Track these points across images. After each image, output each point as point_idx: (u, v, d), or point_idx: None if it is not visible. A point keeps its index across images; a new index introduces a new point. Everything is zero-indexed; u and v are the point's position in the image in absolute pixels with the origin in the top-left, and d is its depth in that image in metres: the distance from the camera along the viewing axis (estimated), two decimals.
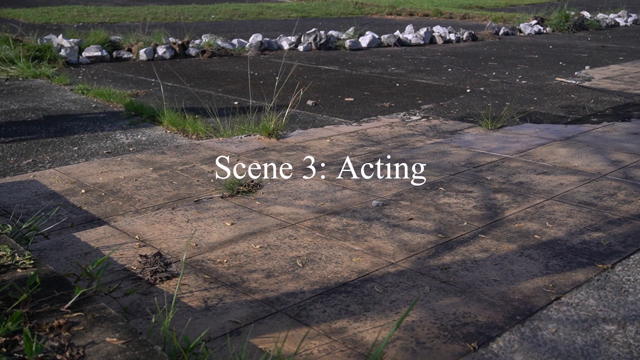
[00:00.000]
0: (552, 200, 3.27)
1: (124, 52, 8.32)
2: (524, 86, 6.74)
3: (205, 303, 2.23)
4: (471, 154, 4.13)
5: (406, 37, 10.34)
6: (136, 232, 2.83)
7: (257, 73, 7.40)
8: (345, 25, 11.31)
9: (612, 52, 9.61)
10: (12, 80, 6.76)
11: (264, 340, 2.01)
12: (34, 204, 3.20)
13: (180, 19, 12.82)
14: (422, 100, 5.99)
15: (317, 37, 9.56)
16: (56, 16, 12.45)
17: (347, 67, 7.94)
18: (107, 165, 3.86)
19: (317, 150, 4.22)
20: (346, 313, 2.17)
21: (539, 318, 2.15)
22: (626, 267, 2.53)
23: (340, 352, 1.95)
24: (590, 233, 2.86)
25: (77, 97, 5.94)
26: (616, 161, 3.95)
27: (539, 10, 14.02)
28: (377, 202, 3.20)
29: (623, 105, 5.76)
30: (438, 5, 17.16)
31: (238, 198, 3.29)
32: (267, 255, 2.62)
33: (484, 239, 2.79)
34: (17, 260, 2.11)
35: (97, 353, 1.62)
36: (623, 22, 14.27)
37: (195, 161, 3.94)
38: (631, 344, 2.00)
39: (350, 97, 6.10)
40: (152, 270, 2.42)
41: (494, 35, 11.68)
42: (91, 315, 1.78)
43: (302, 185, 3.48)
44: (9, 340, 1.65)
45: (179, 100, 5.76)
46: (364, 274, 2.46)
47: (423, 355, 1.94)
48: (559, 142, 4.44)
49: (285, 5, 16.95)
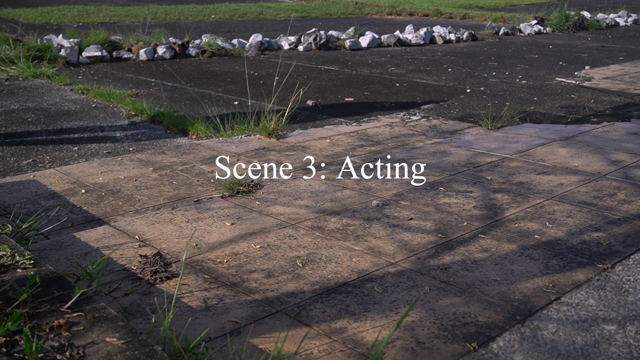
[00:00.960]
0: (552, 200, 3.28)
1: (124, 52, 8.32)
2: (524, 86, 6.74)
3: (205, 303, 2.23)
4: (471, 154, 4.13)
5: (406, 37, 10.34)
6: (136, 232, 2.84)
7: (257, 73, 7.40)
8: (345, 25, 11.31)
9: (612, 52, 9.61)
10: (12, 80, 6.76)
11: (264, 340, 2.01)
12: (34, 204, 3.20)
13: (180, 19, 12.82)
14: (422, 100, 5.99)
15: (317, 37, 9.56)
16: (56, 16, 12.45)
17: (347, 67, 7.94)
18: (107, 165, 3.86)
19: (317, 150, 4.22)
20: (346, 313, 2.17)
21: (539, 318, 2.15)
22: (626, 267, 2.54)
23: (340, 352, 1.95)
24: (590, 233, 2.86)
25: (77, 97, 5.94)
26: (616, 161, 3.96)
27: (539, 10, 14.02)
28: (377, 202, 3.20)
29: (623, 105, 5.76)
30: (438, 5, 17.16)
31: (238, 198, 3.29)
32: (267, 255, 2.62)
33: (484, 239, 2.79)
34: (17, 260, 2.11)
35: (97, 353, 1.62)
36: (623, 22, 14.27)
37: (195, 161, 3.94)
38: (631, 344, 2.00)
39: (350, 97, 6.11)
40: (152, 270, 2.42)
41: (494, 35, 11.68)
42: (91, 315, 1.79)
43: (302, 185, 3.49)
44: (9, 340, 1.65)
45: (179, 100, 5.76)
46: (364, 274, 2.46)
47: (423, 355, 1.94)
48: (559, 142, 4.44)
49: (285, 5, 16.95)
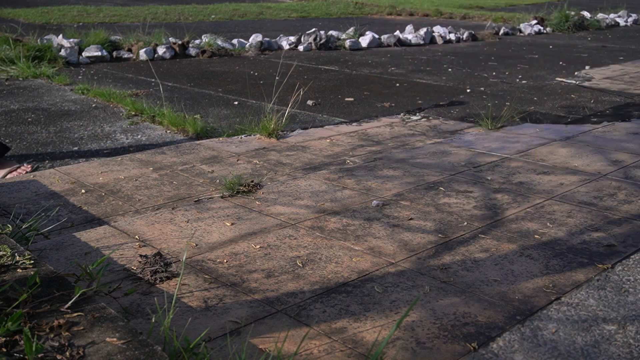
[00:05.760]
0: (552, 200, 3.27)
1: (124, 52, 8.32)
2: (524, 86, 6.74)
3: (205, 303, 2.23)
4: (471, 154, 4.13)
5: (406, 37, 10.34)
6: (136, 232, 2.84)
7: (257, 73, 7.40)
8: (345, 25, 11.31)
9: (612, 52, 9.61)
10: (12, 80, 6.76)
11: (264, 340, 2.01)
12: (34, 204, 3.20)
13: (180, 19, 12.81)
14: (422, 100, 5.99)
15: (317, 37, 9.56)
16: (56, 16, 12.44)
17: (347, 67, 7.94)
18: (107, 165, 3.86)
19: (317, 150, 4.22)
20: (346, 313, 2.17)
21: (539, 318, 2.15)
22: (626, 267, 2.53)
23: (340, 352, 1.95)
24: (591, 233, 2.86)
25: (77, 97, 5.94)
26: (616, 161, 3.95)
27: (539, 10, 14.02)
28: (377, 202, 3.20)
29: (623, 105, 5.76)
30: (438, 5, 17.16)
31: (238, 198, 3.29)
32: (267, 255, 2.62)
33: (484, 239, 2.79)
34: (17, 260, 2.11)
35: (97, 353, 1.62)
36: (623, 22, 14.27)
37: (195, 161, 3.94)
38: (631, 344, 2.00)
39: (351, 97, 6.10)
40: (152, 270, 2.42)
41: (494, 35, 11.68)
42: (91, 315, 1.79)
43: (302, 185, 3.49)
44: (9, 340, 1.65)
45: (179, 100, 5.76)
46: (364, 274, 2.46)
47: (423, 355, 1.94)
48: (559, 142, 4.44)
49: (285, 5, 16.94)
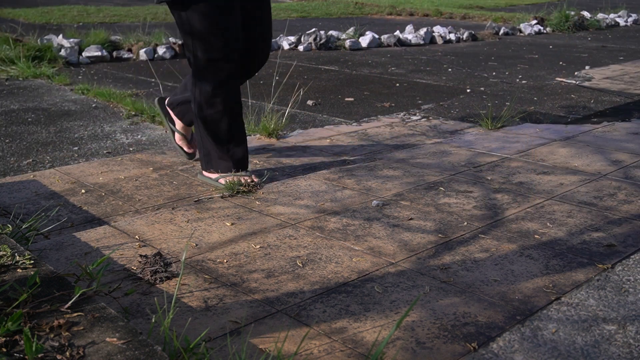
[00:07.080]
0: (552, 200, 3.27)
1: (124, 52, 8.32)
2: (524, 86, 6.74)
3: (205, 303, 2.23)
4: (471, 154, 4.13)
5: (406, 37, 10.34)
6: (136, 232, 2.84)
7: (256, 73, 7.39)
8: (345, 25, 11.31)
9: (612, 52, 9.61)
10: (12, 80, 6.76)
11: (264, 340, 2.01)
12: (34, 204, 3.20)
13: None
14: (422, 100, 5.99)
15: (317, 37, 9.56)
16: (56, 16, 12.44)
17: (347, 67, 7.94)
18: (107, 165, 3.86)
19: (318, 150, 4.22)
20: (346, 313, 2.17)
21: (539, 318, 2.15)
22: (626, 267, 2.53)
23: (341, 352, 1.95)
24: (591, 233, 2.86)
25: (77, 97, 5.94)
26: (616, 161, 3.95)
27: (539, 10, 14.02)
28: (377, 202, 3.20)
29: (623, 105, 5.76)
30: (438, 5, 17.16)
31: (238, 198, 3.29)
32: (267, 255, 2.62)
33: (484, 239, 2.79)
34: (17, 260, 2.11)
35: (97, 353, 1.62)
36: (623, 22, 14.26)
37: (195, 161, 3.94)
38: (631, 344, 1.99)
39: (351, 97, 6.11)
40: (152, 270, 2.42)
41: (494, 35, 11.68)
42: (91, 315, 1.79)
43: (302, 185, 3.49)
44: (9, 340, 1.65)
45: None
46: (364, 274, 2.46)
47: (423, 355, 1.94)
48: (559, 142, 4.44)
49: (285, 5, 16.95)
